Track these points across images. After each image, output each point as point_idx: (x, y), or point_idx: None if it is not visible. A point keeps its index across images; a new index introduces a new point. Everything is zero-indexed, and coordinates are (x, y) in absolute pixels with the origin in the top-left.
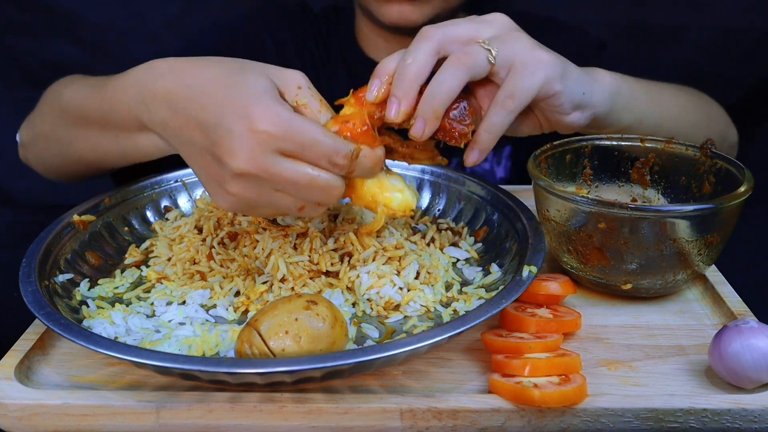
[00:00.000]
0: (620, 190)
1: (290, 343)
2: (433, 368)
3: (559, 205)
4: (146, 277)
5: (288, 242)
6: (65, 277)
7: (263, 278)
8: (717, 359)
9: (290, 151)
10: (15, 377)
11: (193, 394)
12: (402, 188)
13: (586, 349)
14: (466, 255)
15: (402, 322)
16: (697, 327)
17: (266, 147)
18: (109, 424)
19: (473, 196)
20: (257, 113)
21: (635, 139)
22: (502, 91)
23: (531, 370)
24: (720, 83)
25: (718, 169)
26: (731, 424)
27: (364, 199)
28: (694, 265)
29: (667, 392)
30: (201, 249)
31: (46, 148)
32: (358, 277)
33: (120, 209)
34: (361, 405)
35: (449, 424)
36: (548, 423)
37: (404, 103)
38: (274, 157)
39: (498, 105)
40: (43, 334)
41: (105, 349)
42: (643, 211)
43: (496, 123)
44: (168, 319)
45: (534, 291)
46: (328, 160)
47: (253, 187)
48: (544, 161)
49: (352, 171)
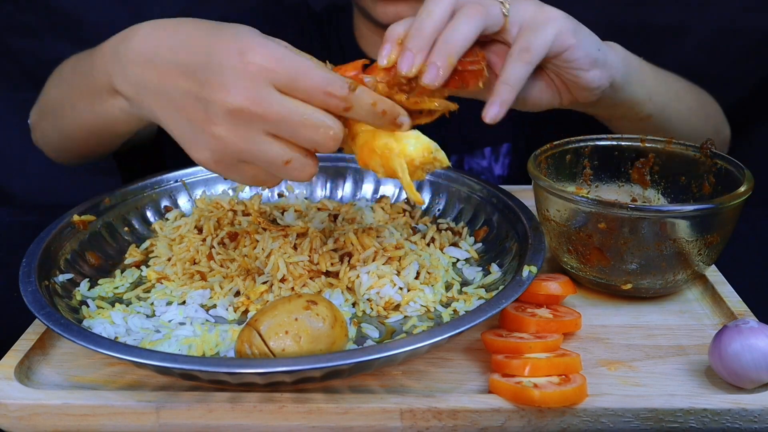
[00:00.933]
0: (620, 190)
1: (290, 343)
2: (433, 368)
3: (559, 205)
4: (146, 277)
5: (288, 242)
6: (65, 277)
7: (263, 278)
8: (717, 359)
9: (284, 84)
10: (15, 377)
11: (193, 394)
12: (416, 135)
13: (586, 349)
14: (466, 255)
15: (402, 322)
16: (697, 327)
17: (260, 79)
18: (109, 424)
19: (473, 196)
20: (249, 46)
21: (635, 139)
22: (517, 45)
23: (531, 370)
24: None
25: (718, 169)
26: (731, 424)
27: (377, 151)
28: (694, 265)
29: (667, 392)
30: (201, 249)
31: (46, 125)
32: (358, 277)
33: (120, 209)
34: (361, 405)
35: (449, 424)
36: (548, 423)
37: (419, 56)
38: (268, 90)
39: (514, 57)
40: (43, 334)
41: (105, 349)
42: (643, 211)
43: (514, 74)
44: (168, 319)
45: (534, 291)
46: (323, 92)
47: (243, 128)
48: (544, 161)
49: (349, 107)
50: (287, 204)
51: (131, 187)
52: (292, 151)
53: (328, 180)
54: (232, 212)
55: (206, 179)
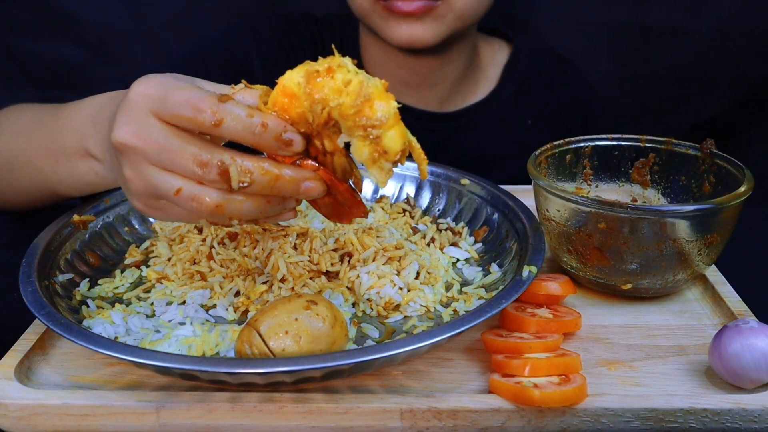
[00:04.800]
0: (620, 190)
1: (290, 343)
2: (433, 368)
3: (559, 205)
4: (146, 277)
5: (288, 242)
6: (65, 277)
7: (263, 278)
8: (717, 359)
9: (157, 107)
10: (15, 377)
11: (193, 394)
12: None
13: (586, 349)
14: (466, 255)
15: (402, 322)
16: (697, 327)
17: (139, 108)
18: (109, 424)
19: (473, 196)
20: (138, 82)
21: (635, 139)
22: None
23: (531, 370)
24: (720, 83)
25: (718, 169)
26: (731, 424)
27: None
28: (694, 265)
29: (667, 392)
30: (201, 249)
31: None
32: (358, 277)
33: (120, 209)
34: (361, 405)
35: (449, 424)
36: (548, 423)
37: None
38: (148, 120)
39: None
40: (43, 334)
41: (105, 349)
42: (643, 211)
43: None
44: (168, 319)
45: (534, 291)
46: (191, 107)
47: (133, 162)
48: (544, 161)
49: (220, 121)
50: None
51: None
52: (180, 180)
53: None
54: None
55: None
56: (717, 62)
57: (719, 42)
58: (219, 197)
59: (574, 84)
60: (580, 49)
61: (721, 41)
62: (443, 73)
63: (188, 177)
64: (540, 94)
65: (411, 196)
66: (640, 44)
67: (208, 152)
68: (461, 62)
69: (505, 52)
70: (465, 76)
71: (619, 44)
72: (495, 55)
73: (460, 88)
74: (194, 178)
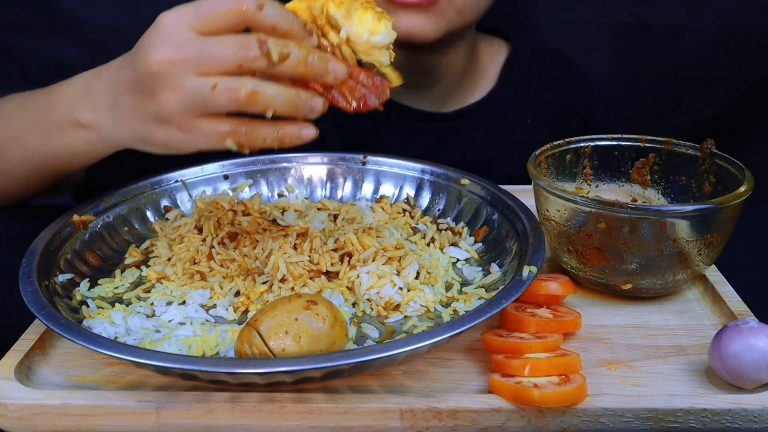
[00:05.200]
0: (620, 190)
1: (290, 343)
2: (433, 368)
3: (559, 205)
4: (146, 277)
5: (288, 242)
6: (65, 277)
7: (263, 278)
8: (717, 359)
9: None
10: (15, 377)
11: (193, 394)
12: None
13: (586, 349)
14: (466, 255)
15: (402, 322)
16: (697, 327)
17: (176, 27)
18: (109, 424)
19: (473, 196)
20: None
21: (635, 139)
22: None
23: (531, 370)
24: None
25: (718, 169)
26: (731, 424)
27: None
28: (694, 265)
29: (667, 392)
30: (201, 249)
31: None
32: (358, 277)
33: (120, 209)
34: (361, 405)
35: (449, 424)
36: (548, 423)
37: None
38: (183, 34)
39: None
40: (43, 334)
41: (105, 349)
42: (643, 211)
43: None
44: (168, 319)
45: (534, 291)
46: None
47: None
48: (544, 161)
49: (261, 5)
50: (287, 204)
51: (131, 187)
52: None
53: (328, 180)
54: (232, 212)
55: (206, 179)
56: (718, 62)
57: (720, 42)
58: (253, 85)
59: (576, 84)
60: (581, 48)
61: (722, 41)
62: (442, 73)
63: (226, 70)
64: (540, 93)
65: (411, 196)
66: (641, 44)
67: (246, 36)
68: (460, 61)
69: (504, 51)
70: (464, 76)
71: (620, 44)
72: (494, 55)
73: (460, 87)
74: (234, 63)
